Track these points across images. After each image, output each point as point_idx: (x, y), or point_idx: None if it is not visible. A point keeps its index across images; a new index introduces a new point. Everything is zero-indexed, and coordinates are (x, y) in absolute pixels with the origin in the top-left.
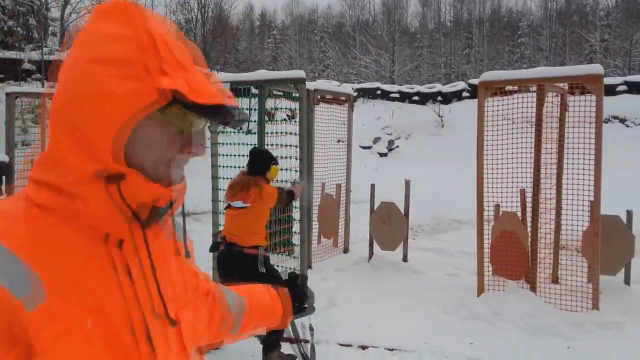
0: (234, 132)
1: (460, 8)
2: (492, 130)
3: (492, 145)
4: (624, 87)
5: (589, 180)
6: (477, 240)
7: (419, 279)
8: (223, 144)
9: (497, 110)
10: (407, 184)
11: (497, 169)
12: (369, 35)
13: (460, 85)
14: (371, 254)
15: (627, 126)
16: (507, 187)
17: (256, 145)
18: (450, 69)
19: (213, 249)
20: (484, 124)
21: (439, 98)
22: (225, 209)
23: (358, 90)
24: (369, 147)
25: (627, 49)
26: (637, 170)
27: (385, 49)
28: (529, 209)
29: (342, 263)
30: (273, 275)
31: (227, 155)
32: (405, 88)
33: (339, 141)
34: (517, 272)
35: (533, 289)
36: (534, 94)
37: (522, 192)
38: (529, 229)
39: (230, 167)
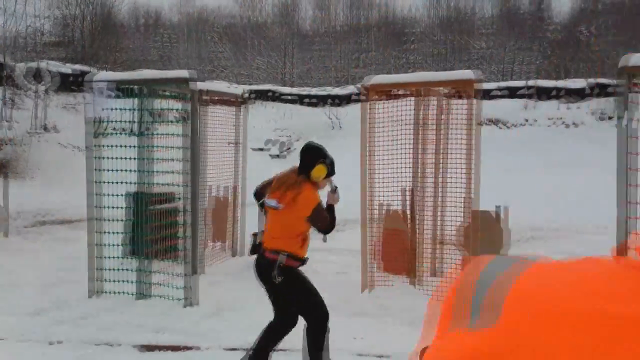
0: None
1: (352, 13)
2: (379, 132)
3: (379, 146)
4: (499, 92)
5: (466, 178)
6: (361, 238)
7: (312, 279)
8: (104, 146)
9: (383, 113)
10: None
11: (382, 169)
12: (262, 37)
13: (350, 88)
14: None
15: (499, 128)
16: (392, 187)
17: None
18: (340, 72)
19: (252, 251)
20: (368, 126)
21: (334, 100)
22: (265, 205)
23: (251, 91)
24: (262, 150)
25: (503, 56)
26: (511, 169)
27: (279, 51)
28: (412, 207)
29: (233, 267)
30: (289, 287)
31: (109, 158)
32: (298, 90)
33: (229, 143)
34: (402, 267)
35: (415, 282)
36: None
37: (406, 191)
38: (412, 226)
39: (113, 170)
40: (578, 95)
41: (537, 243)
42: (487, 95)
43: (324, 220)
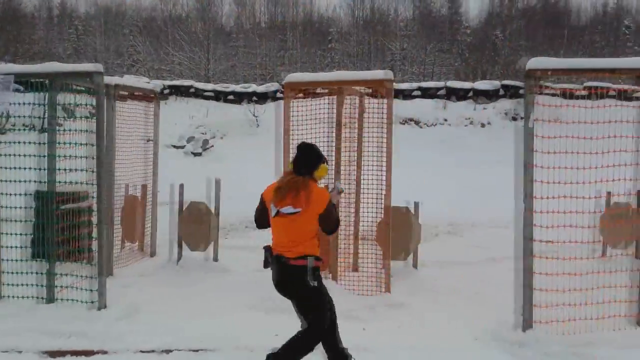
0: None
1: (275, 10)
2: (299, 129)
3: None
4: (418, 92)
5: (382, 175)
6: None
7: (229, 278)
8: (5, 143)
9: (305, 110)
10: (217, 182)
11: None
12: (182, 32)
13: (275, 86)
14: (180, 256)
15: (420, 127)
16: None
17: (45, 143)
18: (265, 69)
19: (266, 264)
20: (289, 123)
21: (254, 98)
22: (274, 216)
23: (171, 87)
24: (182, 147)
25: (422, 57)
26: (428, 166)
27: (200, 47)
28: None
29: (148, 267)
30: (321, 291)
31: (11, 155)
32: (220, 87)
33: (148, 140)
34: (322, 263)
35: (335, 278)
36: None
37: (326, 188)
38: None
39: (14, 168)
40: (490, 96)
41: (453, 237)
42: (405, 95)
43: (334, 217)
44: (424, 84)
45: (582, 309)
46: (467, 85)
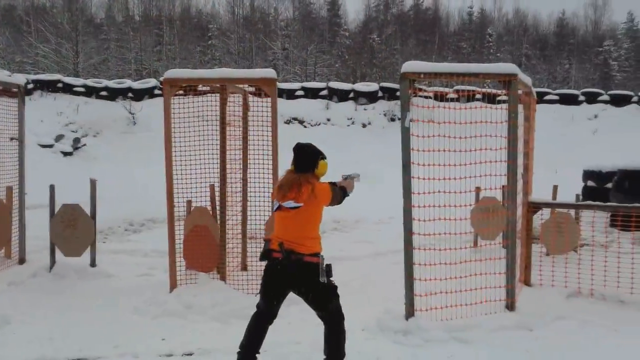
0: None
1: (150, 3)
2: (181, 128)
3: (182, 142)
4: (302, 92)
5: (269, 174)
6: (168, 236)
7: (109, 283)
8: None
9: (187, 108)
10: (93, 183)
11: (187, 165)
12: (47, 22)
13: (152, 82)
14: (53, 262)
15: (304, 127)
16: (197, 183)
17: None
18: (141, 65)
19: (264, 257)
20: (171, 121)
21: (130, 94)
22: (275, 210)
23: (35, 82)
24: (50, 146)
25: (304, 58)
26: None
27: (68, 39)
28: (218, 203)
29: (17, 275)
30: (332, 287)
31: None
32: (91, 82)
33: (11, 139)
34: (209, 264)
35: (223, 278)
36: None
37: (212, 187)
38: (220, 222)
39: None
40: (371, 97)
41: (339, 234)
42: (289, 95)
43: (339, 197)
44: (308, 84)
45: (459, 295)
46: (348, 86)
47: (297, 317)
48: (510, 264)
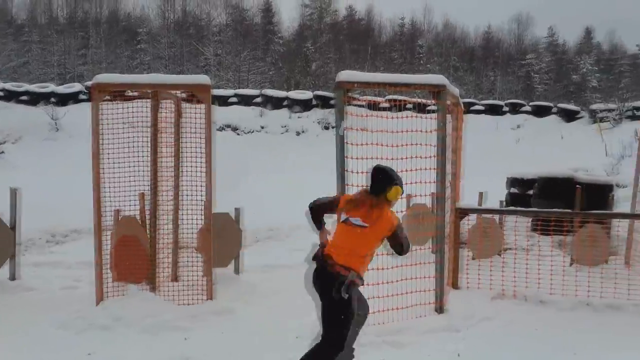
0: None
1: (75, 5)
2: (110, 135)
3: (111, 149)
4: (235, 99)
5: (202, 181)
6: (95, 247)
7: (31, 297)
8: None
9: (116, 114)
10: (13, 192)
11: (115, 173)
12: None
13: (77, 86)
14: None
15: (238, 134)
16: (126, 192)
17: None
18: (64, 68)
19: (314, 258)
20: (99, 128)
21: (53, 99)
22: (341, 222)
23: None
24: None
25: (237, 64)
26: (246, 172)
27: None
28: (148, 212)
29: None
30: (350, 310)
31: None
32: (11, 86)
33: None
34: (139, 275)
35: (154, 289)
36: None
37: (142, 196)
38: (151, 232)
39: None
40: (305, 105)
41: (274, 242)
42: (223, 101)
43: (405, 240)
44: (241, 91)
45: (391, 300)
46: (282, 94)
47: None
48: (439, 268)
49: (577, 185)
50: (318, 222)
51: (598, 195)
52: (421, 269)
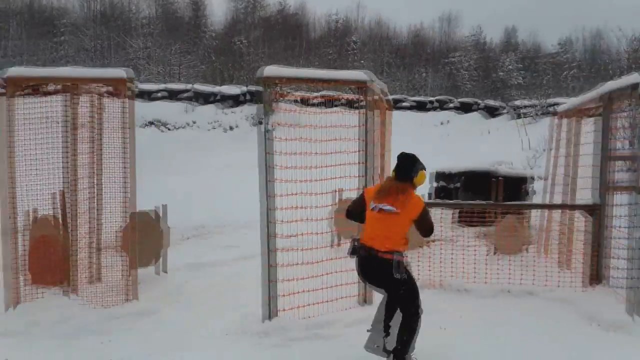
0: None
1: None
2: (23, 131)
3: (25, 147)
4: (163, 94)
5: (124, 179)
6: (2, 250)
7: None
8: None
9: (32, 110)
10: None
11: (30, 172)
12: None
13: None
14: None
15: (167, 129)
16: (41, 191)
17: None
18: None
19: (352, 252)
20: (14, 124)
21: None
22: (372, 211)
23: None
24: None
25: (167, 58)
26: (174, 169)
27: None
28: (65, 212)
29: None
30: (411, 282)
31: None
32: None
33: None
34: (56, 277)
35: (73, 291)
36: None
37: (62, 194)
38: (70, 232)
39: None
40: (234, 100)
41: (203, 240)
42: (150, 96)
43: (429, 223)
44: (170, 86)
45: (319, 293)
46: (212, 89)
47: None
48: None
49: (493, 179)
50: (360, 220)
51: (515, 188)
52: (348, 262)
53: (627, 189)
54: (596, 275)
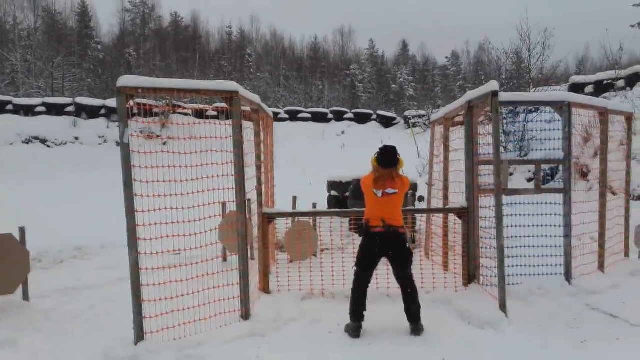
0: None
1: None
2: None
3: None
4: (43, 109)
5: None
6: None
7: None
8: None
9: None
10: None
11: None
12: None
13: None
14: None
15: (48, 146)
16: None
17: None
18: None
19: (367, 233)
20: None
21: None
22: (379, 197)
23: None
24: None
25: (50, 71)
26: (54, 187)
27: None
28: None
29: None
30: (411, 253)
31: None
32: None
33: None
34: None
35: None
36: None
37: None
38: None
39: None
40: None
41: (80, 261)
42: (29, 111)
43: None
44: (49, 100)
45: (194, 311)
46: (99, 102)
47: None
48: (242, 274)
49: None
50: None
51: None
52: (229, 276)
53: (491, 191)
54: (473, 275)
